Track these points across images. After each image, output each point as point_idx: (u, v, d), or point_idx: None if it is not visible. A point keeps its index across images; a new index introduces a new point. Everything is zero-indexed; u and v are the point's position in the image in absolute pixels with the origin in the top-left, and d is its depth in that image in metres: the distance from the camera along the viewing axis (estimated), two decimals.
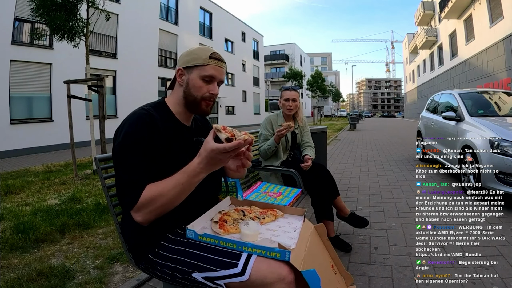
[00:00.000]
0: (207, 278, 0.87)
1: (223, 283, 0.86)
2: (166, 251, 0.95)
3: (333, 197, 2.06)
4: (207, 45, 1.05)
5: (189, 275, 0.90)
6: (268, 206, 1.14)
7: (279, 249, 0.84)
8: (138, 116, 0.95)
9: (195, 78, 1.01)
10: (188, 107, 1.05)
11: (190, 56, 1.02)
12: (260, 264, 0.84)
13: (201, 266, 0.89)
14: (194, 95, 1.02)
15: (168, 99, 1.07)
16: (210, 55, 1.01)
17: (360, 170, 4.87)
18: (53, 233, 2.30)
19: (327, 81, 35.96)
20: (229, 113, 20.98)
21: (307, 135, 2.38)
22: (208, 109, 1.06)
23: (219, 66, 1.03)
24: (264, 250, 0.85)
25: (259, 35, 26.46)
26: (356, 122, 17.57)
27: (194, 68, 1.01)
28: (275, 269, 0.83)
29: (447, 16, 18.42)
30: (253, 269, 0.83)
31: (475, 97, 4.11)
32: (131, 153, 0.90)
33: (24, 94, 8.87)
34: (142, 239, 0.97)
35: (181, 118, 1.06)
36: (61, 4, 5.14)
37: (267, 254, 0.84)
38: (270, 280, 0.82)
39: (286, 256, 0.84)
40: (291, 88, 2.28)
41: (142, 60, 12.97)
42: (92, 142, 5.20)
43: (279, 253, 0.84)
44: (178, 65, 1.04)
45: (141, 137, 0.91)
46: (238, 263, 0.85)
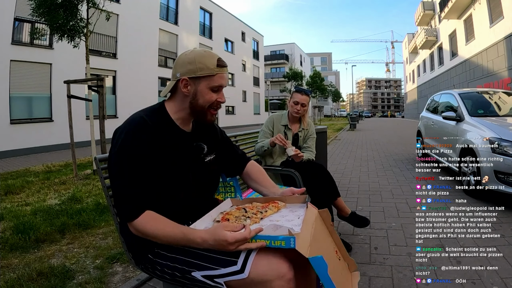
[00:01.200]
0: (207, 276, 0.87)
1: (222, 281, 0.85)
2: (166, 250, 0.95)
3: (333, 198, 2.06)
4: (207, 49, 1.04)
5: (188, 274, 0.89)
6: (269, 200, 1.12)
7: (283, 236, 0.81)
8: (135, 125, 0.93)
9: (204, 90, 0.98)
10: (193, 116, 1.03)
11: (195, 65, 0.97)
12: (259, 261, 0.83)
13: (200, 265, 0.88)
14: (203, 105, 1.00)
15: (168, 104, 1.04)
16: (217, 63, 0.99)
17: (360, 170, 4.87)
18: (53, 233, 2.30)
19: (327, 81, 35.99)
20: (229, 113, 20.98)
21: (311, 140, 2.32)
22: (214, 118, 1.06)
23: (225, 73, 1.02)
24: (268, 240, 0.83)
25: (259, 35, 26.46)
26: (356, 122, 17.58)
27: (201, 78, 0.98)
28: (275, 266, 0.82)
29: (447, 16, 18.43)
30: (252, 266, 0.83)
31: (475, 97, 4.10)
32: (127, 166, 0.89)
33: (24, 94, 8.87)
34: (141, 239, 0.97)
35: (180, 124, 1.04)
36: (61, 4, 5.14)
37: (272, 244, 0.82)
38: (269, 277, 0.81)
39: (291, 243, 0.81)
40: (303, 92, 2.21)
41: (142, 60, 12.97)
42: (92, 142, 5.20)
43: (283, 240, 0.81)
44: (180, 73, 0.99)
45: (138, 150, 0.90)
46: (237, 260, 0.84)
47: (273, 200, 1.11)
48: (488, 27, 14.16)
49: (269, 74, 35.72)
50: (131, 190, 0.89)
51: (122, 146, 0.91)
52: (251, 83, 24.64)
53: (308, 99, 2.24)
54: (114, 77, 11.82)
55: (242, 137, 2.45)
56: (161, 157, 0.94)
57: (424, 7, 22.90)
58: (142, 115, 0.96)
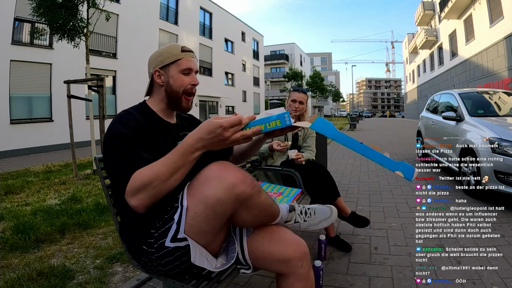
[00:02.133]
0: (173, 238, 0.89)
1: (183, 235, 0.88)
2: (152, 237, 0.94)
3: (333, 198, 2.05)
4: (172, 43, 1.15)
5: (165, 248, 0.90)
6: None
7: (276, 114, 0.83)
8: (121, 115, 0.98)
9: (175, 74, 1.05)
10: (171, 105, 1.08)
11: (162, 56, 1.05)
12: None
13: (164, 231, 0.90)
14: (177, 90, 1.05)
15: (149, 101, 1.11)
16: (181, 49, 1.06)
17: (360, 170, 4.87)
18: (53, 233, 2.30)
19: (327, 81, 35.96)
20: (229, 113, 20.96)
21: (311, 139, 2.33)
22: (189, 105, 1.10)
23: (192, 57, 1.08)
24: (263, 124, 0.83)
25: (259, 35, 26.45)
26: (356, 122, 17.57)
27: (170, 65, 1.05)
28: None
29: (447, 16, 18.42)
30: (186, 194, 0.87)
31: (475, 97, 4.10)
32: (117, 145, 0.91)
33: (24, 94, 8.86)
34: (137, 233, 0.97)
35: (164, 116, 1.09)
36: (61, 4, 5.14)
37: (267, 127, 0.83)
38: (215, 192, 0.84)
39: (286, 120, 0.82)
40: (300, 90, 2.23)
41: (142, 60, 12.93)
42: (92, 142, 5.20)
43: (278, 119, 0.83)
44: (152, 68, 1.06)
45: (126, 132, 0.92)
46: (177, 204, 0.89)
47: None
48: (488, 27, 14.16)
49: (269, 74, 35.70)
50: (122, 164, 0.89)
51: (109, 131, 0.94)
52: (251, 83, 24.63)
53: (306, 97, 2.25)
54: (114, 77, 11.82)
55: None
56: (150, 145, 0.96)
57: (424, 7, 22.89)
58: (127, 109, 1.02)
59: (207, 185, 0.84)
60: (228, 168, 0.86)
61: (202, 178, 0.87)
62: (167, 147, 0.99)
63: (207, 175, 0.86)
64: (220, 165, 0.86)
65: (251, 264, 0.97)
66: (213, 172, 0.85)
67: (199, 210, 0.85)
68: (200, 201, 0.85)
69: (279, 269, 0.97)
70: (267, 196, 0.96)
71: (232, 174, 0.84)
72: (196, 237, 0.88)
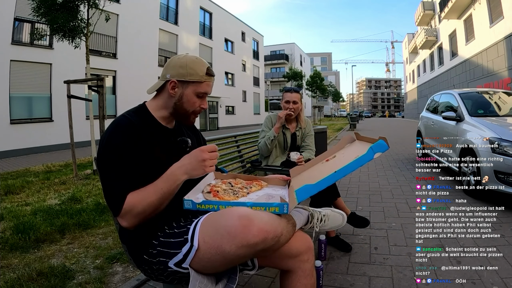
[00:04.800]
0: (177, 264, 0.89)
1: (187, 266, 0.88)
2: (152, 247, 0.95)
3: (333, 198, 2.05)
4: (200, 57, 1.08)
5: (168, 267, 0.91)
6: (252, 178, 1.20)
7: (277, 203, 0.90)
8: (117, 124, 0.95)
9: (190, 94, 1.02)
10: (175, 117, 1.07)
11: (185, 70, 1.00)
12: (205, 230, 0.88)
13: (169, 253, 0.90)
14: (187, 109, 1.04)
15: (149, 103, 1.07)
16: (206, 71, 1.03)
17: (360, 170, 4.86)
18: (53, 233, 2.30)
19: (327, 81, 35.95)
20: (229, 113, 20.96)
21: (309, 138, 2.33)
22: (194, 121, 1.11)
23: (212, 82, 1.06)
24: (263, 207, 0.90)
25: (259, 35, 26.45)
26: (356, 122, 17.58)
27: (190, 83, 1.01)
28: (222, 231, 0.87)
29: (447, 16, 18.41)
30: (200, 236, 0.87)
31: (475, 97, 4.10)
32: (112, 163, 0.91)
33: (24, 94, 8.86)
34: (137, 241, 0.97)
35: (163, 122, 1.06)
36: (62, 4, 5.14)
37: (267, 210, 0.90)
38: (219, 243, 0.84)
39: (284, 209, 0.90)
40: (292, 90, 2.22)
41: (142, 60, 12.96)
42: (92, 142, 5.20)
43: (277, 207, 0.90)
44: (170, 75, 1.01)
45: (121, 146, 0.91)
46: (187, 237, 0.89)
47: (256, 179, 1.19)
48: (488, 27, 14.16)
49: (269, 74, 35.71)
50: (115, 185, 0.90)
51: (106, 144, 0.93)
52: (251, 83, 24.62)
53: (299, 96, 2.24)
54: (114, 77, 11.82)
55: (242, 137, 2.46)
56: (147, 153, 0.96)
57: (424, 7, 22.88)
58: (124, 115, 0.99)
59: (227, 240, 0.82)
60: (252, 226, 0.82)
61: (222, 230, 0.83)
62: (164, 154, 1.00)
63: (229, 230, 0.82)
64: (244, 221, 0.82)
65: (257, 263, 0.97)
66: (236, 230, 0.81)
67: (213, 257, 0.84)
68: (217, 252, 0.83)
69: (286, 265, 0.97)
70: (289, 231, 0.94)
71: (256, 234, 0.81)
72: (201, 270, 0.89)
